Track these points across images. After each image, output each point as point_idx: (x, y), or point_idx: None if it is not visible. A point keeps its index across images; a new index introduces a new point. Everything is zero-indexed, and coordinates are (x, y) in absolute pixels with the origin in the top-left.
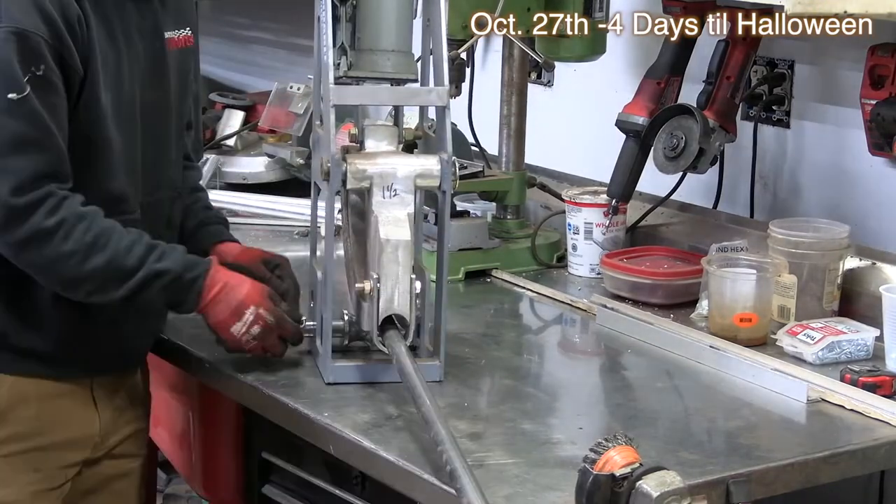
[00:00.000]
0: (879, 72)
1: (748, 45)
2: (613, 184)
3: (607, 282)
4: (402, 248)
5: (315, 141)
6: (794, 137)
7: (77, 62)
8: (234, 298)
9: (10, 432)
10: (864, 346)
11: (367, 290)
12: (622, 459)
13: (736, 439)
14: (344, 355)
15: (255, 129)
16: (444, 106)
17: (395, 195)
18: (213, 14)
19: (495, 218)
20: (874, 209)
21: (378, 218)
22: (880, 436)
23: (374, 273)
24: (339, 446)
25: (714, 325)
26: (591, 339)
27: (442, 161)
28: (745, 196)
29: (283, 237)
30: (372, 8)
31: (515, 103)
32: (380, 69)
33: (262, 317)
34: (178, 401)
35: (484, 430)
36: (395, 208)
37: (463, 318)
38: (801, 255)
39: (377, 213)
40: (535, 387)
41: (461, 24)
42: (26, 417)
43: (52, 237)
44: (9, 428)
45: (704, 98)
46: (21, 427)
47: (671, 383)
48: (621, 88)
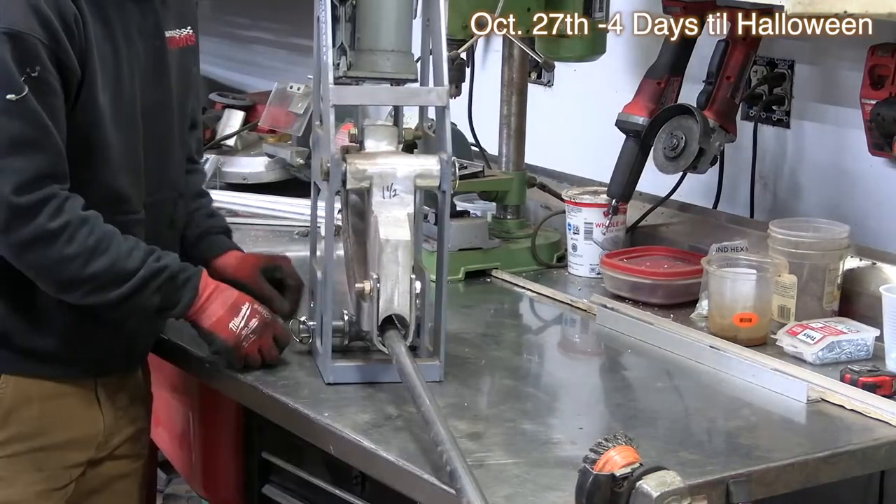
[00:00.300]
0: (879, 72)
1: (748, 45)
2: (613, 184)
3: (607, 282)
4: (402, 248)
5: (315, 141)
6: (794, 137)
7: (74, 63)
8: (229, 296)
9: (14, 432)
10: (864, 346)
11: (366, 291)
12: (622, 459)
13: (736, 439)
14: (344, 355)
15: (255, 129)
16: (444, 106)
17: (394, 195)
18: (213, 14)
19: (495, 218)
20: (874, 209)
21: (378, 218)
22: (880, 436)
23: (373, 273)
24: (339, 446)
25: (714, 325)
26: (591, 339)
27: (442, 161)
28: (745, 196)
29: (283, 237)
30: (371, 8)
31: (516, 103)
32: (379, 69)
33: (257, 311)
34: (178, 401)
35: (484, 430)
36: (394, 208)
37: (463, 318)
38: (801, 255)
39: (377, 214)
40: (535, 387)
41: (461, 24)
42: (29, 417)
43: (57, 240)
44: (12, 428)
45: (704, 98)
46: (24, 427)
47: (671, 383)
48: (621, 88)
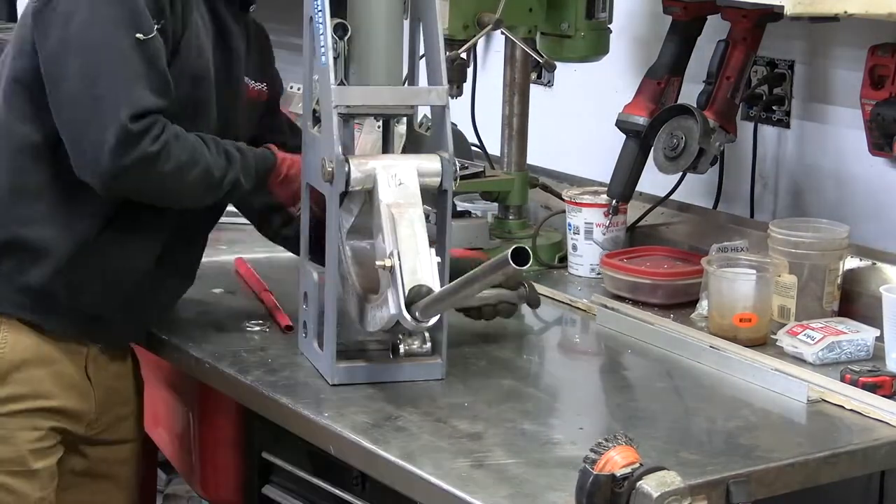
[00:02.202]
0: (879, 72)
1: (748, 45)
2: (613, 184)
3: (607, 282)
4: (417, 220)
5: (308, 143)
6: (794, 137)
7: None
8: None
9: (11, 391)
10: (864, 347)
11: (388, 265)
12: (622, 459)
13: (736, 439)
14: (345, 356)
15: None
16: (444, 105)
17: (399, 184)
18: None
19: (497, 218)
20: (874, 209)
21: (387, 202)
22: (880, 436)
23: (392, 249)
24: (339, 446)
25: (714, 326)
26: (592, 339)
27: (443, 160)
28: (745, 196)
29: None
30: (366, 45)
31: (517, 104)
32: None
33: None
34: (178, 401)
35: (484, 430)
36: (402, 195)
37: (463, 318)
38: (801, 255)
39: (385, 198)
40: (536, 387)
41: (462, 24)
42: (26, 379)
43: (157, 160)
44: (9, 388)
45: (704, 98)
46: (21, 388)
47: (671, 383)
48: (621, 88)
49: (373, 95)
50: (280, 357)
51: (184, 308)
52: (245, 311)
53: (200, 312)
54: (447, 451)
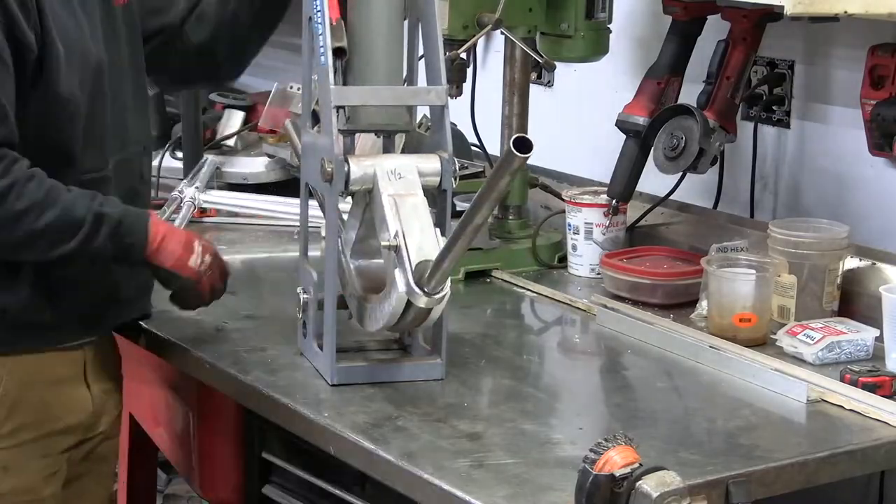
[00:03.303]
0: (879, 72)
1: (748, 45)
2: (613, 184)
3: (607, 282)
4: (420, 205)
5: (307, 144)
6: (794, 137)
7: (31, 40)
8: (181, 235)
9: (20, 422)
10: (864, 347)
11: (393, 244)
12: (622, 459)
13: (736, 439)
14: (345, 356)
15: (255, 129)
16: (444, 105)
17: (400, 178)
18: None
19: (496, 218)
20: (874, 209)
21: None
22: (880, 436)
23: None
24: (339, 446)
25: (714, 326)
26: (591, 339)
27: (442, 160)
28: (745, 196)
29: (283, 237)
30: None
31: (517, 104)
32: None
33: (206, 246)
34: (178, 401)
35: (484, 430)
36: (402, 187)
37: (463, 318)
38: (801, 255)
39: (385, 191)
40: (535, 387)
41: (462, 24)
42: (32, 406)
43: (6, 198)
44: (17, 418)
45: (704, 98)
46: (29, 416)
47: (671, 383)
48: (621, 88)
49: (372, 95)
50: (280, 357)
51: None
52: (245, 311)
53: (200, 312)
54: (447, 451)
